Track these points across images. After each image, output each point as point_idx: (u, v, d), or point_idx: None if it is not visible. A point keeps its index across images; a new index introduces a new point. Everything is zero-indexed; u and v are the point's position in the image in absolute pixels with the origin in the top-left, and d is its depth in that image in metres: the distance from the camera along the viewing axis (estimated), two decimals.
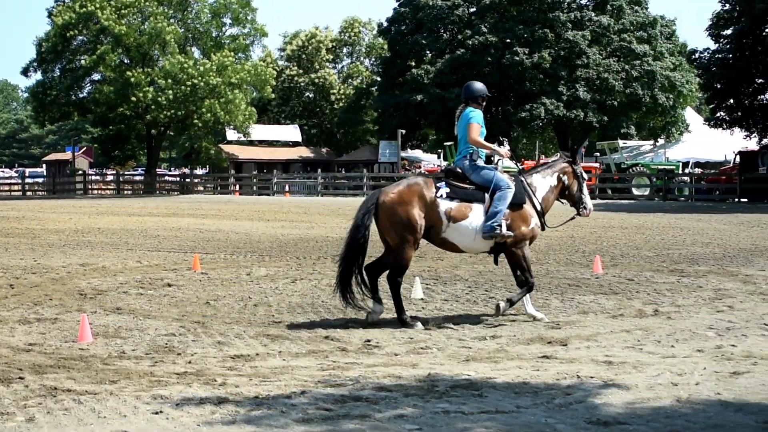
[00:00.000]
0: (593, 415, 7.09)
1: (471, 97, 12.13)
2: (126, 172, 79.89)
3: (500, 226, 11.39)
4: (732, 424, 6.85)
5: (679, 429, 6.73)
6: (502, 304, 11.55)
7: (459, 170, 11.92)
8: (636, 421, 6.91)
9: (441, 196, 11.51)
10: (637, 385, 8.01)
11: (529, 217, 11.79)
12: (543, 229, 12.10)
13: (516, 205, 11.63)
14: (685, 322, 11.19)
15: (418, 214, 11.43)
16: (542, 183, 12.24)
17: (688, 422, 6.89)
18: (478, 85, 12.28)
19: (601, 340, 10.14)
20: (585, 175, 12.72)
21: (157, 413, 7.17)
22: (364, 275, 11.75)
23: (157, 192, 66.39)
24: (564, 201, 12.58)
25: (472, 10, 68.20)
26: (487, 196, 11.54)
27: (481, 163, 11.94)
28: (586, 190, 12.64)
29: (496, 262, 12.15)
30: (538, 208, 11.99)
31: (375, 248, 12.45)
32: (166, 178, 78.76)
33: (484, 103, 12.24)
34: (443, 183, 11.65)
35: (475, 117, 11.91)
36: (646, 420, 6.95)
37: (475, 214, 11.51)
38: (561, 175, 12.42)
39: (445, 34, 68.65)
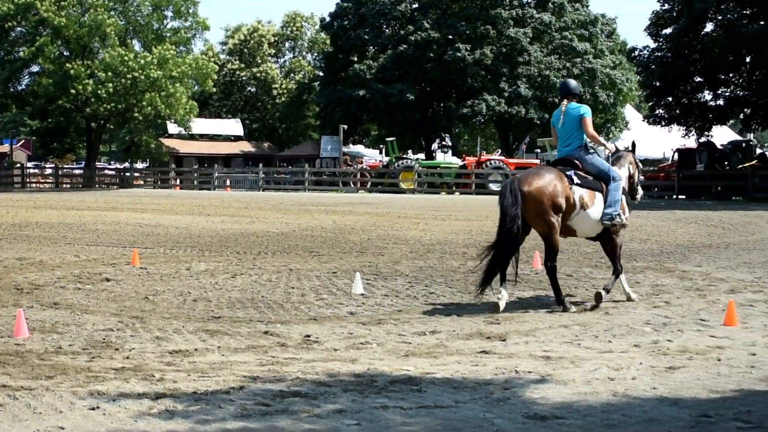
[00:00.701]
0: (531, 409, 7.14)
1: (571, 93, 12.92)
2: (65, 166, 78.95)
3: (619, 214, 12.48)
4: (667, 418, 6.94)
5: (615, 423, 6.80)
6: (603, 294, 12.23)
7: (576, 161, 12.60)
8: (573, 416, 6.97)
9: (575, 183, 12.27)
10: (575, 379, 8.08)
11: (626, 207, 12.91)
12: None
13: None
14: (622, 318, 11.31)
15: (562, 201, 12.07)
16: (623, 174, 13.04)
17: (624, 416, 6.96)
18: (575, 83, 13.32)
19: (540, 336, 10.21)
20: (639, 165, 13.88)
21: (93, 409, 7.11)
22: (513, 266, 12.43)
23: (97, 186, 65.68)
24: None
25: (414, 6, 68.25)
26: (603, 185, 12.49)
27: (597, 154, 12.95)
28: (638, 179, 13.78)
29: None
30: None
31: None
32: (106, 171, 77.87)
33: None
34: (571, 171, 12.38)
35: (587, 112, 12.71)
36: (583, 414, 7.01)
37: (599, 202, 12.43)
38: (630, 166, 13.41)
39: (387, 30, 68.64)
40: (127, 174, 70.11)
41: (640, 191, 13.81)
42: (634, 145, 14.11)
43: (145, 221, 28.64)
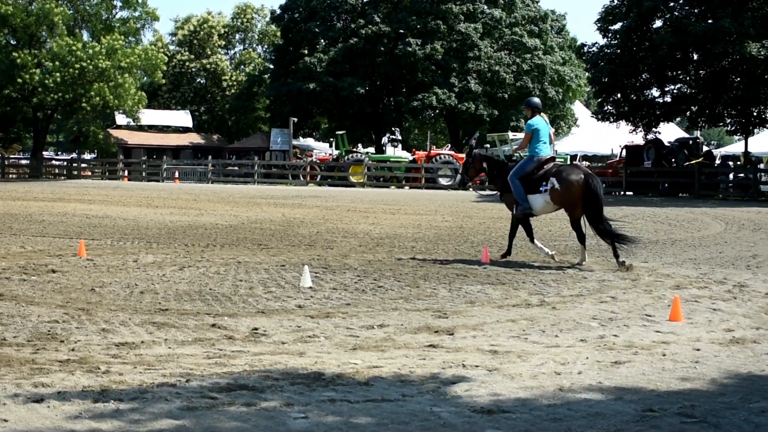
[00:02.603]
0: (478, 403, 7.17)
1: (542, 109, 17.22)
2: (11, 156, 78.12)
3: None
4: (612, 412, 6.99)
5: (561, 417, 6.85)
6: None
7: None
8: (519, 410, 7.01)
9: None
10: (522, 374, 8.12)
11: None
12: None
13: None
14: (569, 313, 11.38)
15: None
16: None
17: (570, 410, 7.01)
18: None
19: (487, 330, 10.25)
20: None
21: (38, 401, 7.04)
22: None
23: (44, 176, 65.00)
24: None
25: None
26: None
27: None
28: None
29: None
30: None
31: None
32: (53, 162, 77.07)
33: None
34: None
35: None
36: (530, 408, 7.05)
37: None
38: None
39: (338, 23, 68.60)
40: (75, 165, 69.40)
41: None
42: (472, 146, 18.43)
43: (93, 212, 28.41)
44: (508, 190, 17.01)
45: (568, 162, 56.04)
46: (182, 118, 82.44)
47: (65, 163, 72.65)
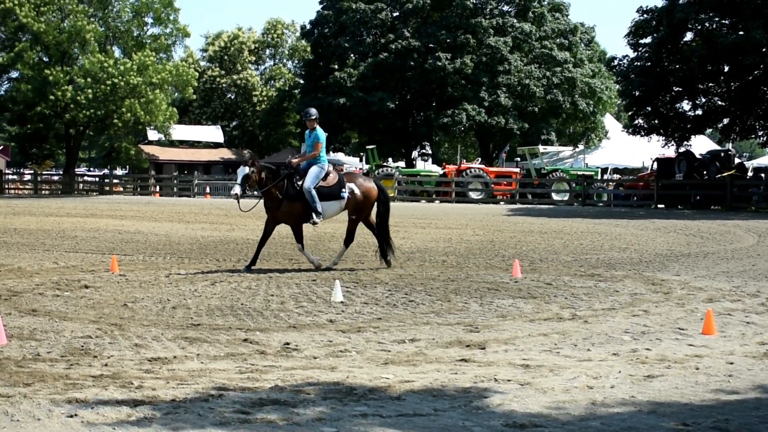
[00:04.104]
0: (510, 418, 7.14)
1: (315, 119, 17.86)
2: (44, 172, 78.69)
3: None
4: (645, 426, 6.95)
5: (593, 431, 6.82)
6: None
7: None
8: (552, 424, 6.98)
9: None
10: (554, 388, 8.09)
11: None
12: None
13: None
14: (601, 326, 11.33)
15: None
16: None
17: (603, 425, 6.97)
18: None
19: (519, 344, 10.22)
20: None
21: (72, 416, 7.07)
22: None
23: (76, 192, 65.43)
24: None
25: (395, 14, 68.36)
26: None
27: None
28: None
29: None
30: None
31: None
32: (85, 178, 77.64)
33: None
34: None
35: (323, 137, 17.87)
36: (562, 423, 7.03)
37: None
38: None
39: (368, 38, 68.72)
40: (107, 180, 69.87)
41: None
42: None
43: (125, 228, 28.56)
44: (298, 199, 17.30)
45: (599, 175, 56.04)
46: (213, 133, 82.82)
47: (97, 179, 73.16)
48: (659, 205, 47.52)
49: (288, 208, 17.39)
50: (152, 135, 74.44)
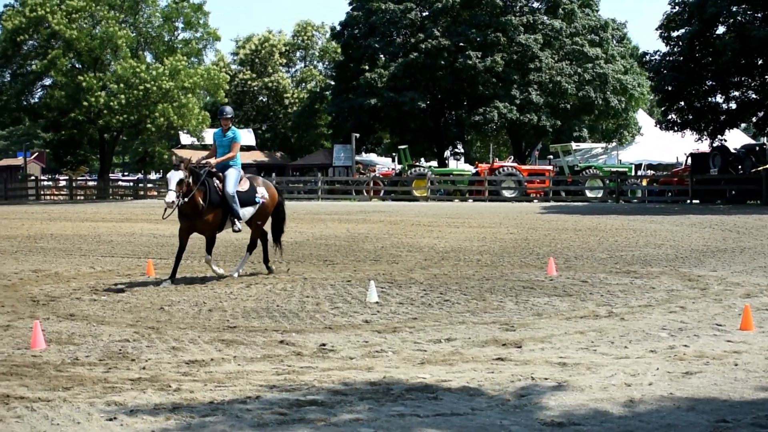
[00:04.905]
0: (547, 416, 7.13)
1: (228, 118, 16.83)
2: (78, 178, 79.18)
3: None
4: (684, 423, 6.92)
5: (632, 429, 6.78)
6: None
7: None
8: (590, 422, 6.96)
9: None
10: (591, 386, 8.06)
11: None
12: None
13: None
14: (638, 323, 11.28)
15: None
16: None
17: (641, 422, 6.94)
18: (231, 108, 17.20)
19: (555, 342, 10.19)
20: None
21: (111, 420, 7.12)
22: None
23: (111, 197, 65.79)
24: None
25: (424, 14, 68.36)
26: None
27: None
28: None
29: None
30: None
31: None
32: (120, 183, 78.06)
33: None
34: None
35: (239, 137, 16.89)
36: (600, 421, 7.00)
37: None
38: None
39: (398, 38, 68.73)
40: (141, 185, 70.21)
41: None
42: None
43: (160, 232, 28.69)
44: (219, 205, 15.95)
45: (633, 172, 55.79)
46: (245, 136, 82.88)
47: (132, 184, 73.50)
48: (694, 201, 47.26)
49: (211, 216, 15.91)
50: (185, 139, 74.69)
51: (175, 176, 15.14)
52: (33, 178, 74.47)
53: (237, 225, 16.16)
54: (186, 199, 15.29)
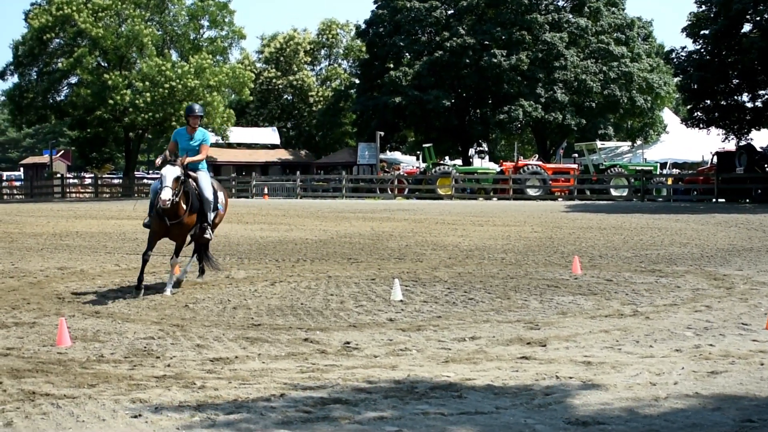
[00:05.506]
0: (572, 415, 7.11)
1: (197, 116, 15.18)
2: (104, 175, 79.51)
3: None
4: (710, 423, 6.89)
5: (657, 428, 6.76)
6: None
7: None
8: (615, 421, 6.94)
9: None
10: (616, 385, 8.04)
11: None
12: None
13: None
14: (663, 322, 11.24)
15: None
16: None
17: (666, 422, 6.92)
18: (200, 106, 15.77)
19: (580, 341, 10.17)
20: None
21: (136, 417, 7.15)
22: None
23: (136, 195, 65.95)
24: None
25: (449, 12, 68.26)
26: None
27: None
28: None
29: None
30: None
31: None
32: (145, 181, 78.30)
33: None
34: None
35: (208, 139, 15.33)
36: (625, 420, 6.98)
37: None
38: None
39: (423, 36, 68.67)
40: None
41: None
42: None
43: None
44: (195, 210, 14.70)
45: (658, 170, 55.57)
46: (270, 134, 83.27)
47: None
48: (720, 200, 47.00)
49: (189, 222, 14.72)
50: (210, 137, 74.93)
51: (171, 172, 13.88)
52: (59, 175, 74.75)
53: (208, 233, 15.10)
54: (177, 199, 14.04)
